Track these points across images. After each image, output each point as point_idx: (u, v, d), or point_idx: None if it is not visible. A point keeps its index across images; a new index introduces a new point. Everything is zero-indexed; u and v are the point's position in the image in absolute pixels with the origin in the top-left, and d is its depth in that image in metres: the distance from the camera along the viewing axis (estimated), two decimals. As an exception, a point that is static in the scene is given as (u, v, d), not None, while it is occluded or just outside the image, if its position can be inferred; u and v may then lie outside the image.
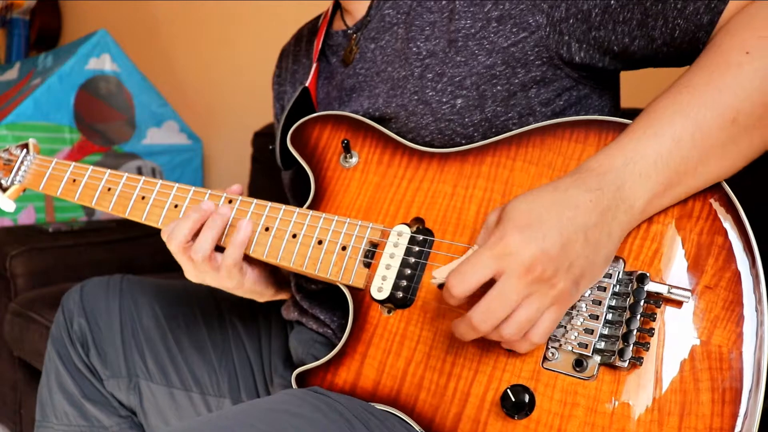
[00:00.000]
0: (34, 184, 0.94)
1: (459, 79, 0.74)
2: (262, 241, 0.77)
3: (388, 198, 0.75)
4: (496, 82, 0.73)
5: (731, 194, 0.63)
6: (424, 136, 0.76)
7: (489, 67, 0.73)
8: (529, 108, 0.74)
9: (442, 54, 0.75)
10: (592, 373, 0.60)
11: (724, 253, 0.61)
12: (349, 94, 0.85)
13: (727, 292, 0.60)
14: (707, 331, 0.59)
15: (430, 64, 0.76)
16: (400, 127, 0.78)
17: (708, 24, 0.65)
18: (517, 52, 0.72)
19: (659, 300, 0.60)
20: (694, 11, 0.65)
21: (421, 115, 0.76)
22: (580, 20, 0.69)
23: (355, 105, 0.83)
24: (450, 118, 0.74)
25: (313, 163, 0.81)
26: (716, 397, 0.57)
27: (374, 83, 0.82)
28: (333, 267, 0.73)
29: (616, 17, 0.68)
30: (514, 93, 0.73)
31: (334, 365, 0.71)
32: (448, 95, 0.74)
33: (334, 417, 0.63)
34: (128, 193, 0.87)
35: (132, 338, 0.97)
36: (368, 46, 0.84)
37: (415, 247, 0.71)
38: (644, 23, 0.68)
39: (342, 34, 0.89)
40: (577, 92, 0.75)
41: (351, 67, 0.86)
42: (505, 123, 0.74)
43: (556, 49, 0.71)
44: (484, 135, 0.74)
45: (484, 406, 0.63)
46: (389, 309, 0.71)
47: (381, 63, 0.82)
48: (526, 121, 0.74)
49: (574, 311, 0.62)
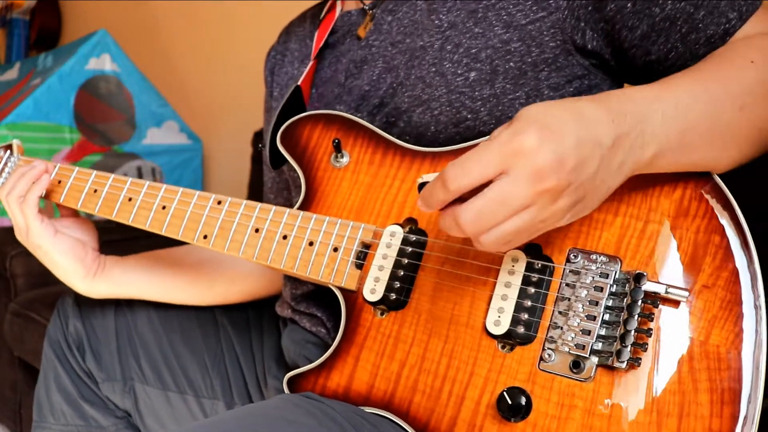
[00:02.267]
0: (18, 187, 0.92)
1: (475, 51, 0.73)
2: (252, 242, 0.76)
3: (380, 198, 0.73)
4: (509, 58, 0.72)
5: (728, 193, 0.62)
6: (433, 108, 0.75)
7: (505, 42, 0.72)
8: (537, 90, 0.73)
9: (461, 25, 0.75)
10: (590, 375, 0.59)
11: (721, 252, 0.60)
12: (360, 66, 0.83)
13: (725, 292, 0.59)
14: (705, 330, 0.58)
15: (450, 35, 0.75)
16: (412, 100, 0.76)
17: (702, 56, 0.67)
18: (533, 31, 0.71)
19: (657, 300, 0.59)
20: (695, 40, 0.67)
21: (435, 87, 0.75)
22: (596, 8, 0.70)
23: (367, 76, 0.82)
24: (462, 90, 0.73)
25: (304, 162, 0.79)
26: (715, 398, 0.56)
27: (390, 54, 0.80)
28: (324, 269, 0.72)
29: (625, 21, 0.69)
30: (525, 72, 0.72)
31: (327, 368, 0.70)
32: (463, 67, 0.74)
33: (328, 423, 0.62)
34: (115, 195, 0.85)
35: (127, 341, 0.97)
36: (385, 18, 0.82)
37: (408, 248, 0.70)
38: (647, 36, 0.69)
39: (356, 12, 0.87)
40: (588, 81, 0.74)
41: (363, 40, 0.84)
42: (512, 101, 0.73)
43: (570, 34, 0.71)
44: (489, 111, 0.73)
45: (480, 410, 0.62)
46: (382, 311, 0.69)
47: (397, 34, 0.80)
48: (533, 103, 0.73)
49: (571, 312, 0.61)
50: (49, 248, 0.85)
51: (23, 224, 0.85)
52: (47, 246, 0.85)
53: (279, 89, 0.97)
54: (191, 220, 0.80)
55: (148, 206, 0.83)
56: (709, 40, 0.66)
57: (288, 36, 1.01)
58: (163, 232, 0.81)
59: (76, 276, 0.87)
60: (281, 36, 1.03)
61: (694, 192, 0.63)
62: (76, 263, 0.87)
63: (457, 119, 0.74)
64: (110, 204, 0.85)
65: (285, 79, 0.96)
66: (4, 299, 1.66)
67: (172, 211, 0.81)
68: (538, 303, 0.63)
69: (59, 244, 0.86)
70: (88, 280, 0.88)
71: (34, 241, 0.85)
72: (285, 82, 0.96)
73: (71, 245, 0.87)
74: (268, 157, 0.82)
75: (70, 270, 0.87)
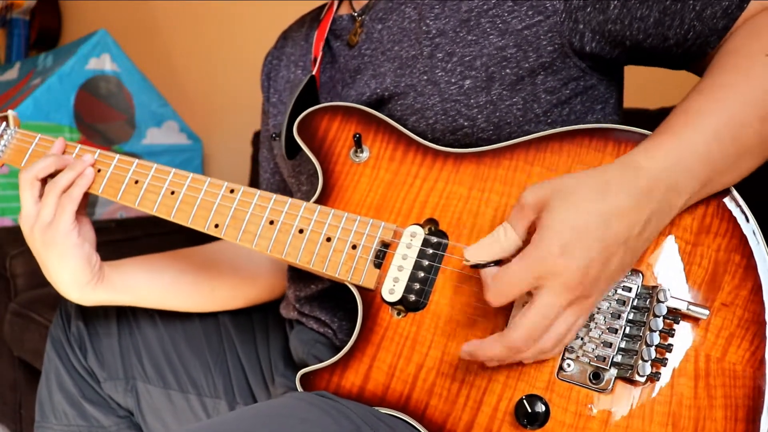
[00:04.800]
0: (15, 161, 0.89)
1: (469, 59, 0.73)
2: (266, 234, 0.74)
3: (401, 197, 0.73)
4: (506, 64, 0.72)
5: (747, 210, 0.63)
6: (428, 117, 0.74)
7: (500, 49, 0.72)
8: (533, 95, 0.73)
9: (452, 33, 0.74)
10: (608, 386, 0.60)
11: (740, 271, 0.62)
12: (353, 76, 0.82)
13: (743, 311, 0.60)
14: (722, 348, 0.60)
15: (440, 43, 0.74)
16: (404, 109, 0.76)
17: (722, 29, 0.66)
18: (530, 36, 0.71)
19: (677, 316, 0.60)
20: (711, 15, 0.66)
21: (428, 96, 0.74)
22: (597, 10, 0.69)
23: (359, 86, 0.81)
24: (456, 98, 0.73)
25: (321, 155, 0.78)
26: (729, 414, 0.58)
27: (379, 62, 0.79)
28: (342, 266, 0.71)
29: (634, 13, 0.68)
30: (522, 78, 0.72)
31: (341, 367, 0.69)
32: (457, 75, 0.73)
33: (343, 422, 0.62)
34: (120, 176, 0.82)
35: (129, 340, 0.95)
36: (375, 27, 0.81)
37: (428, 250, 0.69)
38: (661, 22, 0.67)
39: (347, 18, 0.86)
40: (584, 82, 0.74)
41: (356, 49, 0.83)
42: (509, 107, 0.73)
43: (568, 37, 0.70)
44: (487, 118, 0.73)
45: (497, 416, 0.63)
46: (400, 311, 0.69)
47: (387, 42, 0.79)
48: (530, 108, 0.73)
49: (592, 323, 0.62)
50: (68, 249, 0.78)
51: (49, 217, 0.78)
52: (67, 246, 0.78)
53: (278, 95, 0.95)
54: (202, 207, 0.78)
55: (156, 190, 0.80)
56: (726, 11, 0.65)
57: (285, 41, 0.99)
58: (171, 217, 0.79)
59: (80, 281, 0.81)
60: (279, 41, 1.01)
61: (717, 209, 0.64)
62: (85, 269, 0.80)
63: (454, 127, 0.73)
64: (115, 185, 0.82)
65: (282, 84, 0.95)
66: (4, 299, 1.65)
67: (182, 197, 0.79)
68: None
69: (79, 247, 0.79)
70: (89, 287, 0.82)
71: (55, 238, 0.78)
72: (282, 87, 0.95)
73: (87, 251, 0.81)
74: (283, 148, 0.80)
75: (77, 275, 0.80)
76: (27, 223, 0.80)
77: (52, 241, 0.78)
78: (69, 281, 0.81)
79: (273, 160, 0.99)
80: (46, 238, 0.79)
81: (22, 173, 0.81)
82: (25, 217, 0.80)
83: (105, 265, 0.86)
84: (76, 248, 0.79)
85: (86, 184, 0.81)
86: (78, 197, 0.79)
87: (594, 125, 0.69)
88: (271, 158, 0.99)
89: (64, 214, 0.78)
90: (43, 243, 0.79)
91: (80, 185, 0.80)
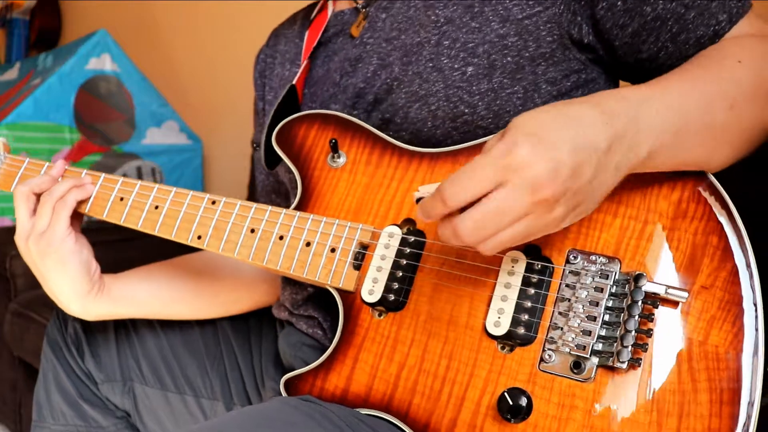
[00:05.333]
0: (4, 186, 0.90)
1: (472, 46, 0.73)
2: (247, 243, 0.75)
3: (378, 199, 0.73)
4: (507, 52, 0.72)
5: (725, 194, 0.63)
6: (431, 104, 0.75)
7: (502, 37, 0.72)
8: (534, 84, 0.73)
9: (458, 20, 0.75)
10: (590, 375, 0.60)
11: (719, 253, 0.61)
12: (354, 64, 0.83)
13: (723, 292, 0.60)
14: (704, 331, 0.59)
15: (447, 30, 0.75)
16: (409, 96, 0.76)
17: (691, 55, 0.68)
18: (530, 25, 0.72)
19: (656, 300, 0.59)
20: (685, 40, 0.68)
21: (433, 82, 0.75)
22: (588, 5, 0.70)
23: (362, 74, 0.81)
24: (459, 85, 0.73)
25: (300, 163, 0.78)
26: (714, 398, 0.57)
27: (385, 51, 0.80)
28: (322, 269, 0.71)
29: (616, 19, 0.69)
30: (523, 66, 0.73)
31: (324, 370, 0.69)
32: (461, 62, 0.74)
33: (327, 426, 0.62)
34: (106, 194, 0.83)
35: (126, 342, 0.95)
36: (379, 16, 0.82)
37: (406, 249, 0.69)
38: (638, 34, 0.69)
39: (349, 11, 0.87)
40: (585, 75, 0.75)
41: (358, 38, 0.83)
42: (509, 96, 0.73)
43: (567, 28, 0.71)
44: (487, 106, 0.73)
45: (480, 411, 0.62)
46: (380, 312, 0.69)
47: (390, 30, 0.80)
48: (531, 97, 0.73)
49: (571, 312, 0.61)
50: (66, 256, 0.78)
51: (45, 224, 0.78)
52: (64, 252, 0.78)
53: (273, 92, 0.96)
54: (185, 220, 0.79)
55: (140, 206, 0.81)
56: (699, 40, 0.67)
57: (277, 38, 1.00)
58: (156, 232, 0.80)
59: (80, 291, 0.80)
60: (270, 39, 1.02)
61: (692, 193, 0.63)
62: (84, 278, 0.80)
63: (455, 114, 0.74)
64: (101, 203, 0.83)
65: (277, 81, 0.96)
66: (4, 299, 1.65)
67: (165, 211, 0.80)
68: (538, 304, 0.63)
69: (77, 254, 0.79)
70: (90, 298, 0.82)
71: (51, 245, 0.77)
72: (277, 85, 0.95)
73: (86, 257, 0.80)
74: (263, 158, 0.81)
75: (77, 284, 0.80)
76: (22, 236, 0.80)
77: (48, 248, 0.78)
78: (69, 291, 0.80)
79: None
80: (41, 246, 0.78)
81: (17, 187, 0.82)
82: (20, 231, 0.80)
83: (108, 277, 0.86)
84: (73, 254, 0.78)
85: (82, 194, 0.81)
86: (72, 204, 0.80)
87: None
88: None
89: (60, 220, 0.78)
90: (39, 253, 0.78)
91: (75, 193, 0.80)
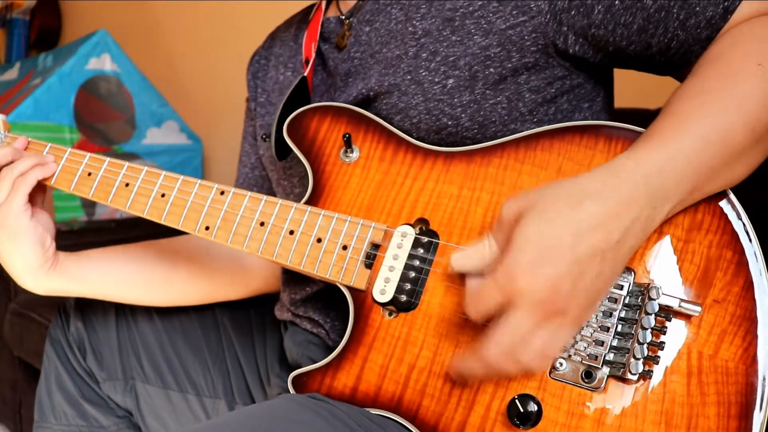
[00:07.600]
0: (5, 165, 0.88)
1: (453, 59, 0.72)
2: (256, 236, 0.74)
3: (391, 197, 0.72)
4: (489, 64, 0.71)
5: (740, 208, 0.63)
6: (412, 116, 0.74)
7: (484, 48, 0.71)
8: (518, 93, 0.72)
9: (437, 33, 0.73)
10: (601, 385, 0.60)
11: (732, 267, 0.61)
12: (345, 79, 0.82)
13: (735, 307, 0.60)
14: (714, 345, 0.59)
15: (425, 43, 0.74)
16: (389, 108, 0.75)
17: (705, 39, 0.66)
18: (514, 36, 0.70)
19: (669, 314, 0.60)
20: (695, 24, 0.66)
21: (412, 95, 0.74)
22: (582, 14, 0.68)
23: (352, 89, 0.81)
24: (440, 98, 0.73)
25: (311, 156, 0.77)
26: (722, 411, 0.58)
27: (368, 65, 0.79)
28: (333, 267, 0.71)
29: (618, 19, 0.68)
30: (505, 77, 0.72)
31: (333, 369, 0.69)
32: (441, 75, 0.73)
33: (336, 424, 0.62)
34: (111, 179, 0.82)
35: (128, 340, 0.95)
36: (363, 29, 0.81)
37: (419, 250, 0.69)
38: (644, 29, 0.67)
39: (335, 20, 0.86)
40: (570, 81, 0.74)
41: (345, 52, 0.83)
42: (493, 106, 0.72)
43: (552, 38, 0.70)
44: (471, 117, 0.72)
45: (490, 415, 0.62)
46: (391, 312, 0.69)
47: (375, 44, 0.79)
48: (515, 107, 0.73)
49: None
50: (20, 231, 0.78)
51: (2, 198, 0.79)
52: (19, 227, 0.78)
53: (266, 95, 0.95)
54: (192, 209, 0.77)
55: (146, 193, 0.80)
56: (710, 21, 0.65)
57: (273, 41, 0.99)
58: (162, 220, 0.79)
59: (33, 266, 0.81)
60: (266, 41, 1.01)
61: (708, 206, 0.63)
62: (37, 252, 0.80)
63: (438, 126, 0.73)
64: (106, 189, 0.82)
65: (270, 84, 0.94)
66: (4, 299, 1.65)
67: (172, 200, 0.78)
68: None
69: (32, 229, 0.79)
70: (42, 273, 0.82)
71: (6, 219, 0.78)
72: (271, 87, 0.94)
73: (40, 233, 0.80)
74: (272, 148, 0.80)
75: (28, 259, 0.80)
76: None
77: (3, 222, 0.78)
78: (20, 265, 0.80)
79: (255, 155, 0.99)
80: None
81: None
82: None
83: (62, 254, 0.85)
84: (27, 230, 0.79)
85: (44, 172, 0.81)
86: (32, 181, 0.79)
87: (585, 122, 0.69)
88: (253, 153, 1.00)
89: (17, 195, 0.78)
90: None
91: (37, 171, 0.80)
